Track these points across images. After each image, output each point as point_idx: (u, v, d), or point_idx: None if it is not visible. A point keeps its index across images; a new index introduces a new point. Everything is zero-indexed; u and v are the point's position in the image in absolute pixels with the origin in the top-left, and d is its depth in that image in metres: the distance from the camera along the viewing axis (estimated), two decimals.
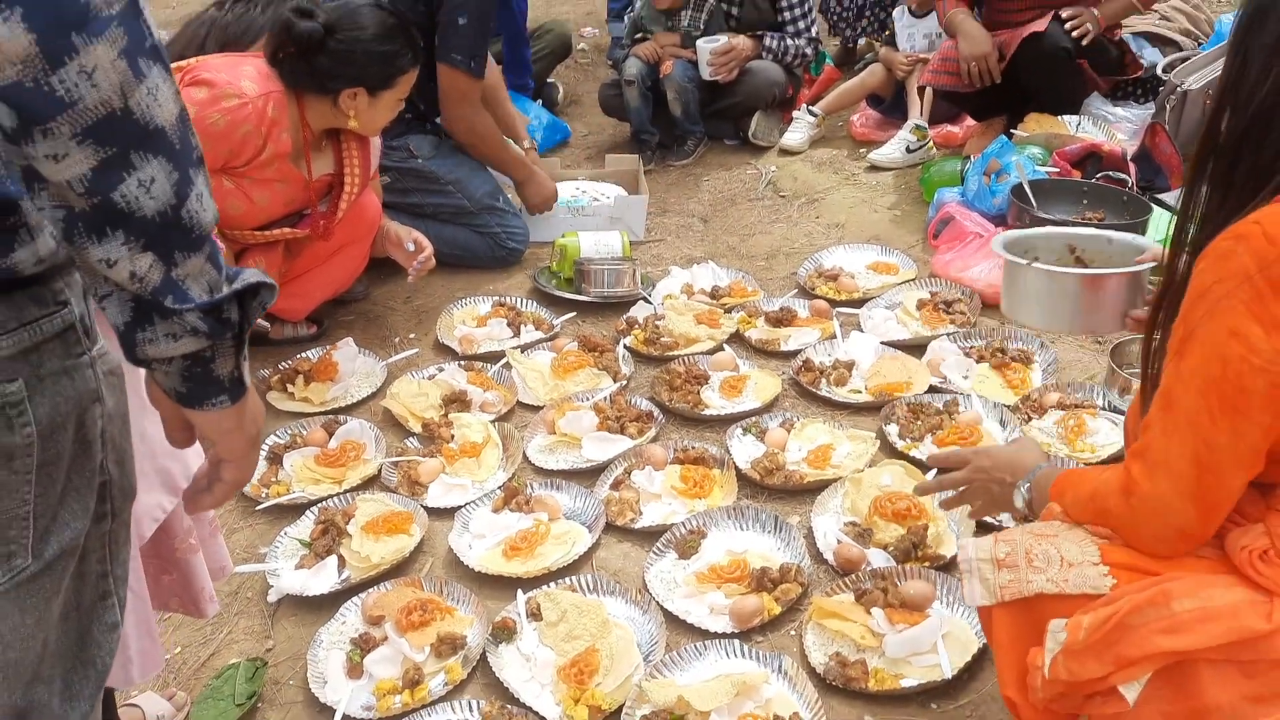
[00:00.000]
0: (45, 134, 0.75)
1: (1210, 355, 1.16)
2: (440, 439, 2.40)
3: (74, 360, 0.92)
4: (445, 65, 3.06)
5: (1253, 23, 1.20)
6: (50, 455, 0.90)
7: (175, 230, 0.83)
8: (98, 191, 0.79)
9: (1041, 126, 3.41)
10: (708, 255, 3.42)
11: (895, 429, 2.38)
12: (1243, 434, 1.16)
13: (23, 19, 0.72)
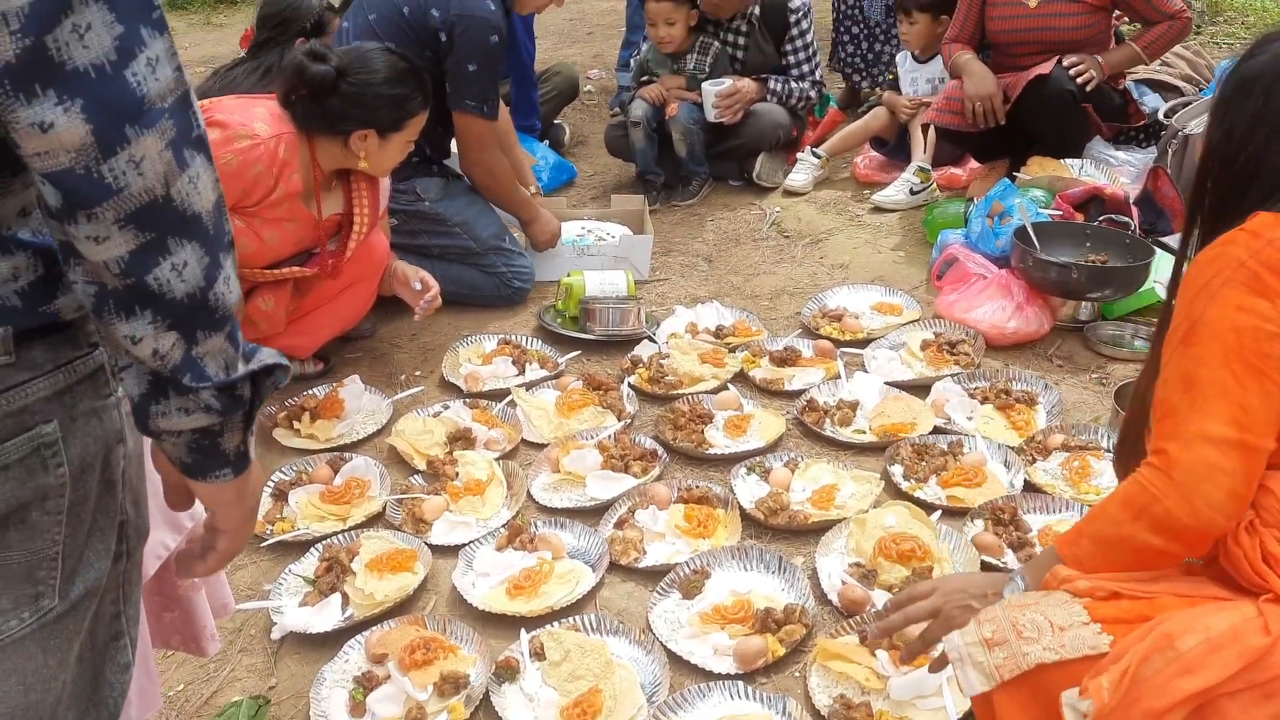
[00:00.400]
0: (90, 218, 0.78)
1: (1223, 330, 1.21)
2: (445, 476, 2.41)
3: (102, 401, 0.94)
4: (460, 112, 3.10)
5: (1237, 94, 1.33)
6: (80, 495, 0.92)
7: (201, 311, 0.85)
8: (132, 274, 0.81)
9: (1044, 169, 3.44)
10: (712, 294, 3.44)
11: (900, 470, 2.38)
12: (1270, 395, 1.21)
13: (82, 110, 0.74)
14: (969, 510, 2.21)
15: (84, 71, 0.74)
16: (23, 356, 0.86)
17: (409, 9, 3.01)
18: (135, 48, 0.77)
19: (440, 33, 2.99)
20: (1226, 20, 5.82)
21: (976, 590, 1.44)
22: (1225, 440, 1.20)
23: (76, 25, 0.73)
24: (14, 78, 0.73)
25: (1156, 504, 1.23)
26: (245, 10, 8.52)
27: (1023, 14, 3.60)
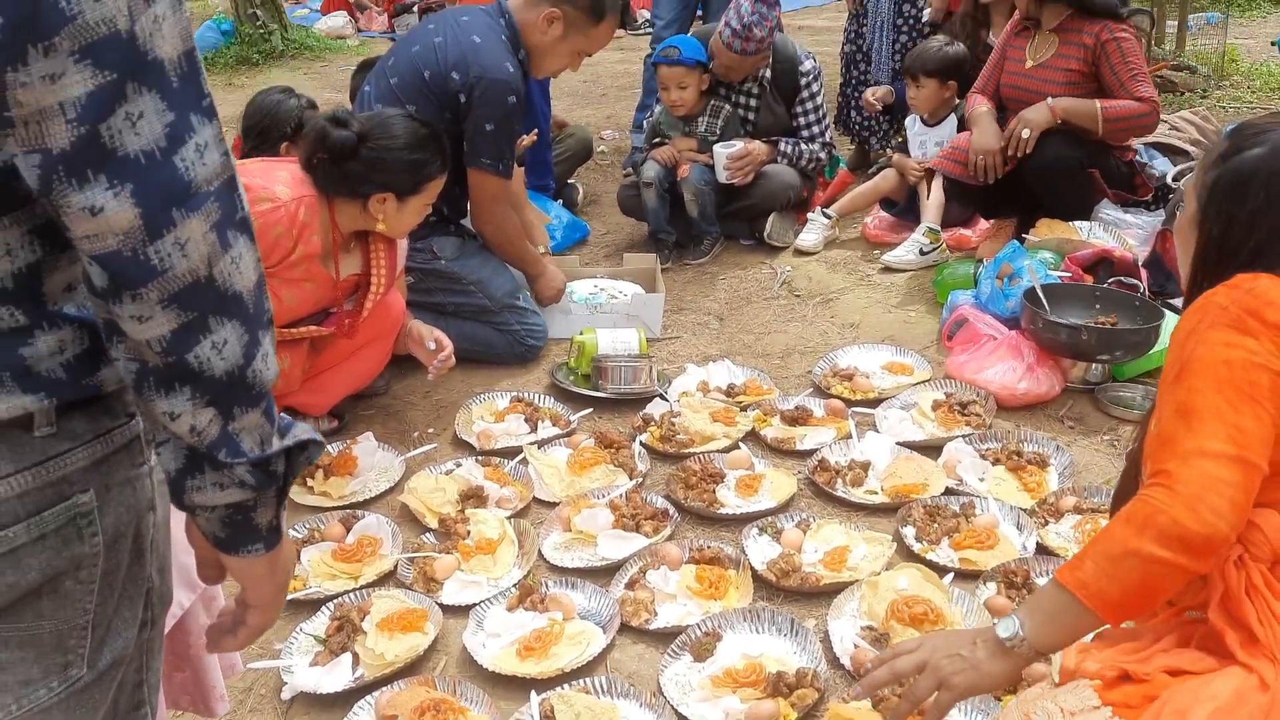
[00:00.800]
0: (134, 298, 0.80)
1: (1214, 363, 1.27)
2: (456, 535, 2.41)
3: (136, 470, 0.95)
4: (475, 169, 3.16)
5: (1235, 190, 1.36)
6: (112, 564, 0.93)
7: (239, 388, 0.87)
8: (174, 352, 0.83)
9: (1053, 231, 3.47)
10: (723, 353, 3.46)
11: (912, 531, 2.38)
12: (1262, 420, 1.25)
13: (132, 194, 0.77)
14: (982, 573, 2.20)
15: (135, 157, 0.77)
16: (63, 427, 0.87)
17: (430, 73, 3.08)
18: (185, 134, 0.79)
19: (460, 94, 3.06)
20: (1233, 84, 5.89)
21: (963, 641, 1.42)
22: (1223, 454, 1.24)
23: (130, 113, 0.76)
24: (68, 164, 0.75)
25: (1162, 514, 1.24)
26: (266, 71, 8.70)
27: (1022, 73, 3.68)
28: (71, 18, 0.72)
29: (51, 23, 0.72)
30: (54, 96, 0.73)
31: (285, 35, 9.21)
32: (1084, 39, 3.51)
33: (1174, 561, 1.23)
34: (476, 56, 3.06)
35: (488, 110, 3.07)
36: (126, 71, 0.75)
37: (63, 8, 0.72)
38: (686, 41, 4.23)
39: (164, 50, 0.78)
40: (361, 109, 3.14)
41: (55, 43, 0.72)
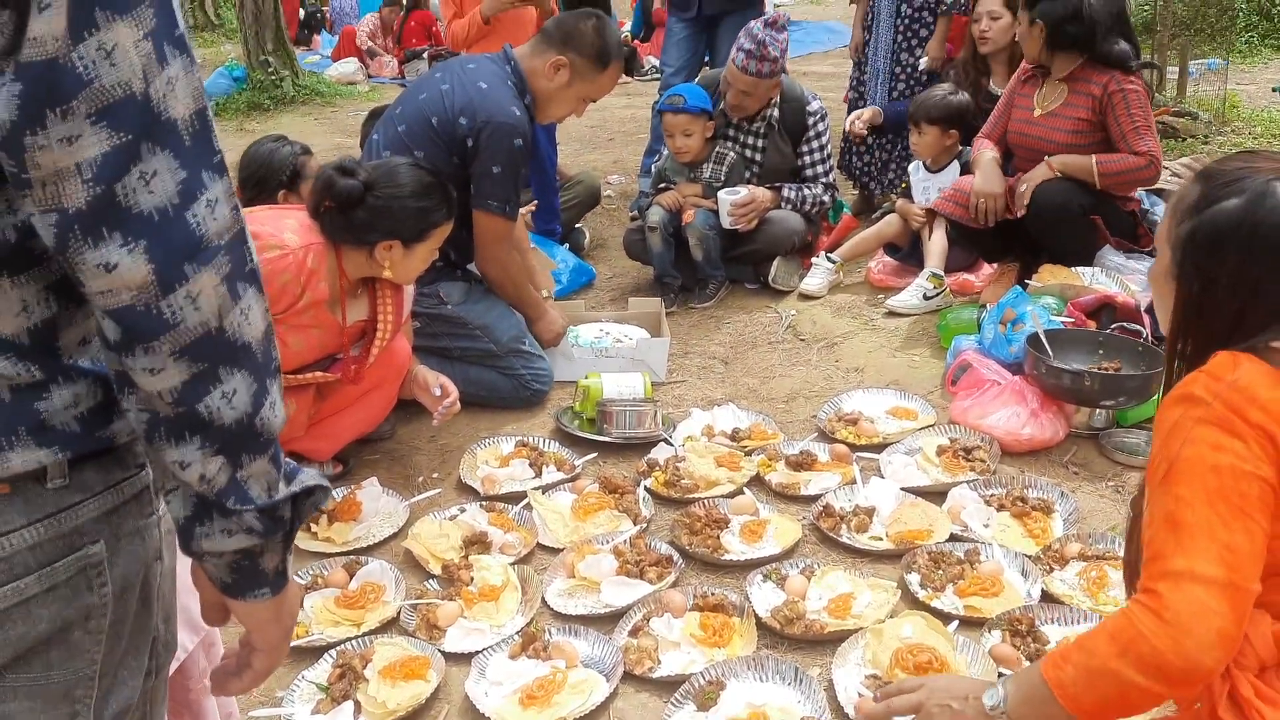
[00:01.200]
0: (147, 351, 0.82)
1: (1202, 470, 1.23)
2: (460, 581, 2.41)
3: (145, 520, 0.96)
4: (482, 211, 3.20)
5: (1213, 248, 1.32)
6: (120, 614, 0.94)
7: (248, 436, 0.89)
8: (185, 402, 0.85)
9: (1056, 277, 3.49)
10: (728, 397, 3.47)
11: (917, 578, 2.37)
12: (1254, 535, 1.22)
13: (145, 251, 0.79)
14: (986, 620, 2.19)
15: (149, 215, 0.79)
16: (75, 479, 0.89)
17: (437, 119, 3.12)
18: (197, 191, 0.81)
19: (468, 139, 3.11)
20: (1235, 130, 5.93)
21: (959, 693, 1.46)
22: (1214, 580, 1.20)
23: (144, 172, 0.78)
24: (84, 223, 0.77)
25: (1144, 642, 1.22)
26: (277, 117, 8.82)
27: (1030, 121, 3.73)
28: (89, 82, 0.75)
29: (69, 88, 0.74)
30: (71, 158, 0.75)
31: (296, 81, 9.34)
32: (1092, 89, 3.55)
33: (1150, 689, 1.23)
34: (484, 102, 3.12)
35: (494, 153, 3.12)
36: (141, 132, 0.78)
37: (80, 73, 0.74)
38: (691, 90, 4.29)
39: (177, 110, 0.80)
40: (370, 157, 3.19)
41: (73, 106, 0.74)
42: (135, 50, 0.76)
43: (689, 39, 5.28)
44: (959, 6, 4.75)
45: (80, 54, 0.74)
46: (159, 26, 0.78)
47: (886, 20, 4.91)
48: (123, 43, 0.76)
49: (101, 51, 0.75)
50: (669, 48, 5.40)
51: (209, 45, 14.14)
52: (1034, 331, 3.02)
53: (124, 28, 0.76)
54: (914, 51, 4.90)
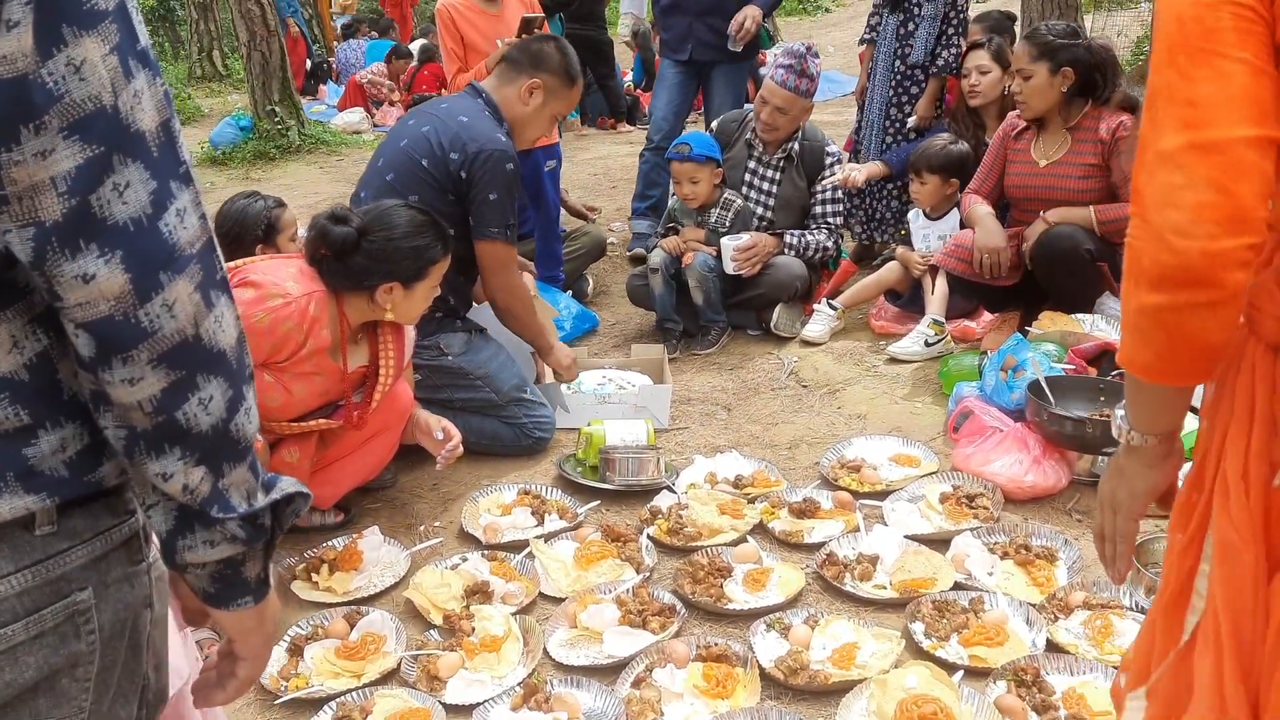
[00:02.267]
0: (125, 361, 0.83)
1: (1166, 22, 1.03)
2: (461, 632, 2.39)
3: (134, 567, 0.96)
4: (484, 240, 3.23)
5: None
6: (108, 662, 0.94)
7: (225, 443, 0.90)
8: (163, 411, 0.86)
9: (1056, 324, 3.50)
10: (731, 444, 3.46)
11: (921, 627, 2.35)
12: (1228, 75, 0.99)
13: (122, 260, 0.81)
14: (991, 671, 2.17)
15: (124, 225, 0.81)
16: (64, 525, 0.89)
17: (428, 160, 3.17)
18: (167, 200, 0.84)
19: (461, 172, 3.15)
20: None
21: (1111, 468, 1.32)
22: (1177, 150, 1.00)
23: (117, 184, 0.80)
24: (61, 235, 0.79)
25: (1142, 257, 1.04)
26: (282, 165, 8.90)
27: (1034, 172, 3.75)
28: (59, 97, 0.77)
29: (40, 103, 0.76)
30: (46, 172, 0.78)
31: (303, 131, 9.43)
32: (1099, 134, 3.59)
33: (1173, 303, 1.03)
34: (469, 134, 3.17)
35: (490, 181, 3.16)
36: (113, 144, 0.80)
37: (50, 88, 0.77)
38: (698, 138, 4.34)
39: (144, 122, 0.82)
40: None
41: (45, 121, 0.77)
42: (103, 64, 0.79)
43: (680, 85, 5.35)
44: (950, 69, 4.82)
45: (50, 69, 0.77)
46: (123, 41, 0.81)
47: (883, 74, 4.98)
48: (90, 57, 0.78)
49: (70, 66, 0.77)
50: (659, 91, 5.47)
51: (216, 95, 14.31)
52: (1035, 378, 3.02)
53: (91, 43, 0.78)
54: (903, 108, 4.97)
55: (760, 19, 5.03)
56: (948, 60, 4.80)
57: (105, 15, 0.79)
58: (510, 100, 3.35)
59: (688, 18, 5.13)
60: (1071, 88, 3.60)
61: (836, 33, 16.22)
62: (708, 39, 5.09)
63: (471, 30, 4.69)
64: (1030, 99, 3.67)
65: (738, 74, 5.30)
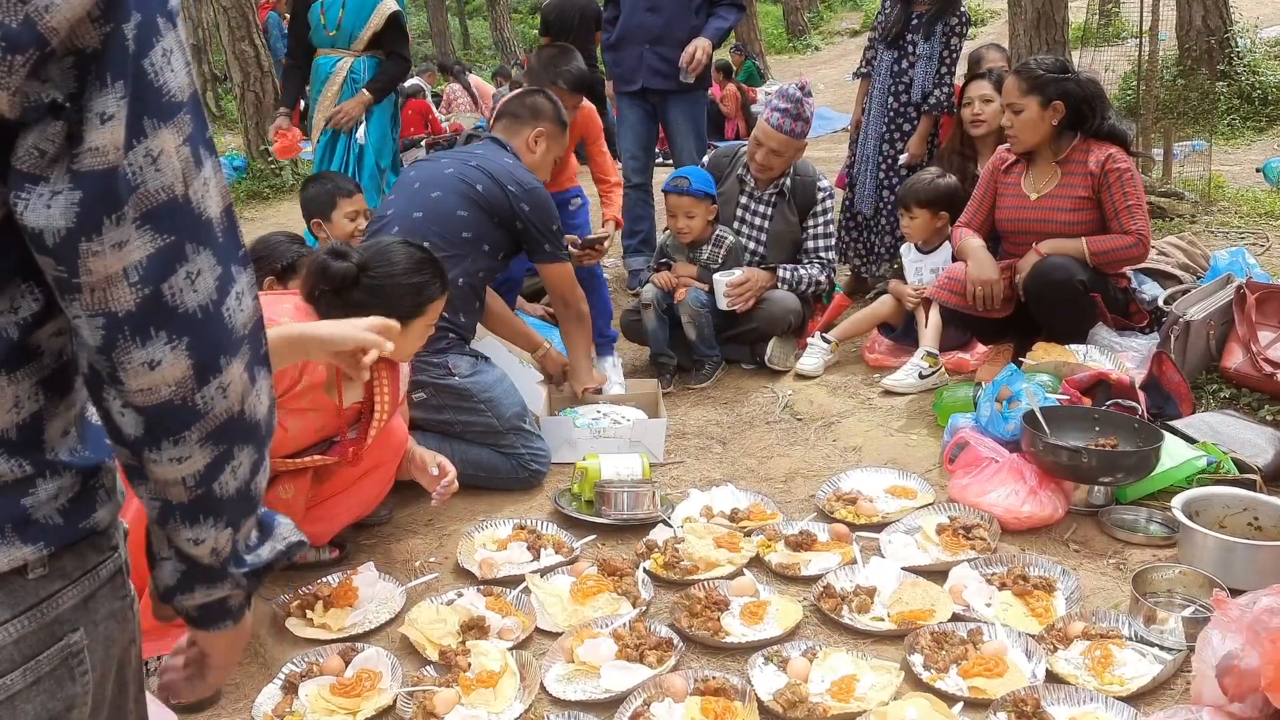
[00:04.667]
0: (176, 442, 0.84)
1: None
2: (457, 667, 2.37)
3: (121, 602, 0.96)
4: (556, 263, 3.56)
5: None
6: (99, 700, 0.93)
7: (245, 503, 0.91)
8: (204, 484, 0.87)
9: (1050, 355, 3.52)
10: (727, 477, 3.46)
11: (919, 659, 2.34)
12: None
13: (188, 348, 0.82)
14: (991, 702, 2.16)
15: (192, 313, 0.81)
16: (54, 567, 0.88)
17: (482, 186, 3.39)
18: (229, 285, 0.84)
19: (523, 204, 3.41)
20: (1220, 210, 6.03)
21: None
22: None
23: (190, 272, 0.81)
24: (132, 324, 0.79)
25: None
26: (276, 205, 8.95)
27: (1025, 205, 3.77)
28: (136, 187, 0.77)
29: (122, 194, 0.77)
30: (120, 263, 0.78)
31: (295, 170, 9.49)
32: (1089, 166, 3.62)
33: None
34: (521, 173, 3.47)
35: (547, 213, 3.46)
36: (185, 233, 0.81)
37: (129, 179, 0.77)
38: (696, 173, 4.38)
39: (212, 209, 0.83)
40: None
41: (124, 212, 0.77)
42: (177, 155, 0.80)
43: (640, 119, 5.43)
44: (943, 108, 4.88)
45: (130, 160, 0.77)
46: (195, 131, 0.82)
47: (878, 110, 5.04)
48: (167, 148, 0.79)
49: (149, 157, 0.78)
50: (623, 131, 5.52)
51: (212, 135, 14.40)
52: (1030, 409, 3.03)
53: (168, 134, 0.79)
54: (895, 145, 5.02)
55: (710, 50, 5.10)
56: (939, 99, 4.87)
57: (181, 106, 0.80)
58: (519, 150, 3.61)
59: (638, 47, 5.21)
60: (1061, 121, 3.64)
61: (826, 70, 16.43)
62: (659, 67, 5.16)
63: None
64: (1021, 133, 3.70)
65: (694, 105, 5.37)
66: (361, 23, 5.07)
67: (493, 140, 3.63)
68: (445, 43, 23.39)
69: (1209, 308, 3.51)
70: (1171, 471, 2.92)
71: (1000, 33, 12.83)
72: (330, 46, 5.17)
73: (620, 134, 5.55)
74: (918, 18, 4.89)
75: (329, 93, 5.15)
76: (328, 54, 5.19)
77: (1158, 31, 6.78)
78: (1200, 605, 2.37)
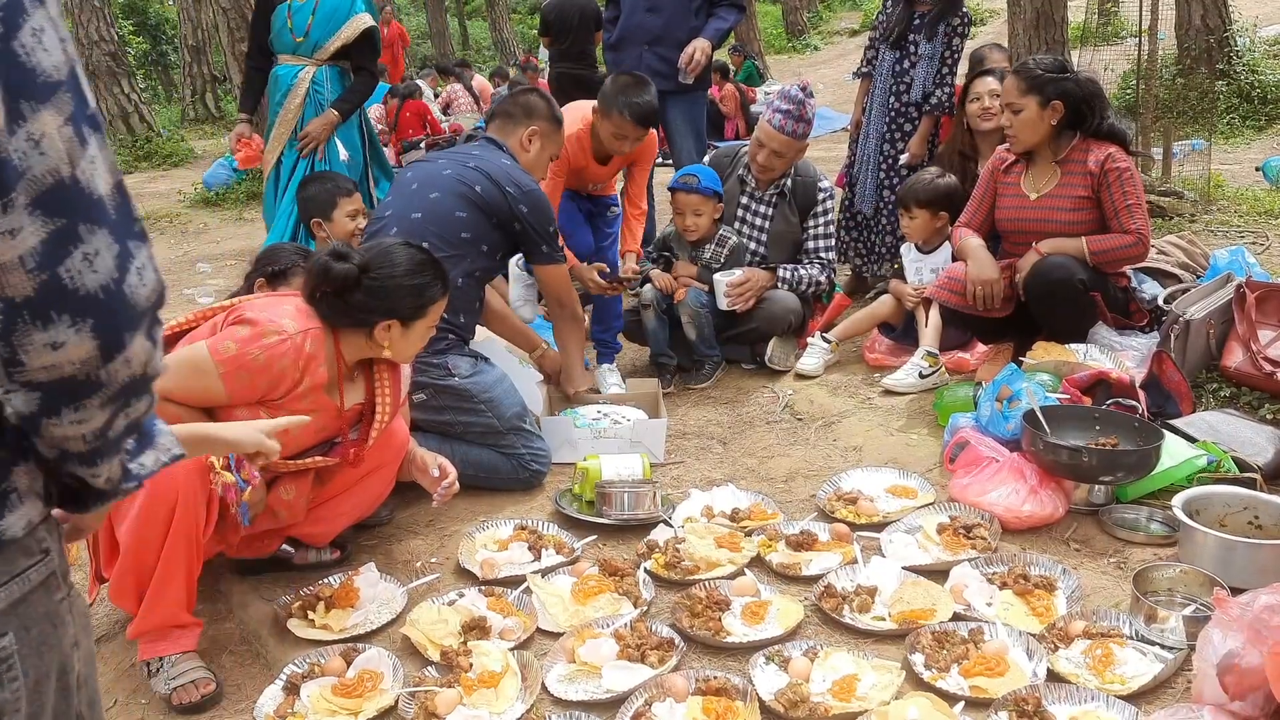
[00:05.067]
0: (77, 408, 0.86)
1: None
2: (458, 668, 2.38)
3: (55, 606, 0.95)
4: (554, 265, 3.54)
5: None
6: (36, 707, 0.92)
7: (135, 433, 0.96)
8: (101, 436, 0.91)
9: (1050, 354, 3.52)
10: (727, 477, 3.46)
11: (921, 658, 2.34)
12: None
13: (92, 329, 0.82)
14: (992, 701, 2.16)
15: (94, 294, 0.82)
16: None
17: (480, 187, 3.36)
18: (129, 262, 0.85)
19: (521, 206, 3.38)
20: (1220, 209, 6.03)
21: None
22: None
23: (87, 253, 0.81)
24: (32, 309, 0.80)
25: None
26: None
27: (1025, 205, 3.77)
28: (23, 173, 0.77)
29: (9, 181, 0.77)
30: (14, 251, 0.78)
31: None
32: (1089, 166, 3.62)
33: None
34: (519, 174, 3.44)
35: (544, 214, 3.45)
36: (78, 215, 0.80)
37: (16, 164, 0.77)
38: (704, 171, 4.39)
39: (102, 187, 0.83)
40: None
41: (13, 199, 0.77)
42: (60, 135, 0.79)
43: None
44: (944, 109, 4.88)
45: (13, 146, 0.77)
46: (76, 109, 0.81)
47: (879, 110, 5.04)
48: (48, 130, 0.78)
49: (31, 141, 0.77)
50: None
51: (210, 137, 14.40)
52: (1030, 408, 3.03)
53: (48, 115, 0.78)
54: (896, 145, 5.02)
55: (709, 51, 5.10)
56: (940, 99, 4.87)
57: (59, 86, 0.79)
58: (515, 150, 3.60)
59: (638, 47, 5.21)
60: (1060, 121, 3.64)
61: (825, 70, 16.43)
62: (658, 68, 5.14)
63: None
64: (1020, 132, 3.70)
65: (694, 106, 5.36)
66: (331, 32, 4.81)
67: (488, 140, 3.62)
68: (444, 43, 23.41)
69: (1209, 307, 3.51)
70: (1172, 470, 2.92)
71: (999, 33, 12.85)
72: (292, 53, 4.88)
73: None
74: (920, 18, 4.89)
75: (291, 105, 4.88)
76: (289, 62, 4.89)
77: (1157, 30, 6.78)
78: (1201, 604, 2.38)
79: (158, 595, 2.33)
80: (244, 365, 2.40)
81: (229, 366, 2.39)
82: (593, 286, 4.22)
